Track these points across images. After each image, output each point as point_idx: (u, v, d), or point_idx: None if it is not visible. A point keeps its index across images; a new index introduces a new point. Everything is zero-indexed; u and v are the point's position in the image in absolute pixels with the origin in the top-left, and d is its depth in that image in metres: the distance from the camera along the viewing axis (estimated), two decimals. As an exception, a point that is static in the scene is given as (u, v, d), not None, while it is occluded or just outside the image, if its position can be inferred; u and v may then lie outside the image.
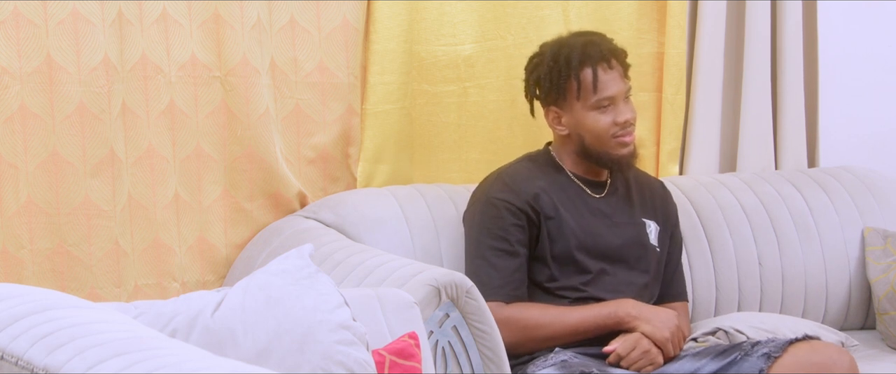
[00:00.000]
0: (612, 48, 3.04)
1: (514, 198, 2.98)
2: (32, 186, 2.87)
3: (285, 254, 2.21)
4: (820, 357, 2.80)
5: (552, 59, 3.03)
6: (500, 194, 3.00)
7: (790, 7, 3.71)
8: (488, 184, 3.06)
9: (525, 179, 3.02)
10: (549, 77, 3.03)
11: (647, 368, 2.88)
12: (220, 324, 2.06)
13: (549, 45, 3.09)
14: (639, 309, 2.94)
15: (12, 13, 2.81)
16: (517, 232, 2.97)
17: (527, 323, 2.91)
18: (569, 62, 3.00)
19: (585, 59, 2.99)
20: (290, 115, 3.21)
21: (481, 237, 2.98)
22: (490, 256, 2.96)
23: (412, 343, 2.27)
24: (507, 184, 3.02)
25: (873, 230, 3.53)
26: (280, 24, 3.17)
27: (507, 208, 2.98)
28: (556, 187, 3.04)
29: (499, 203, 2.99)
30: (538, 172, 3.06)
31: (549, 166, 3.09)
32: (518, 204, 2.98)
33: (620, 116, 3.01)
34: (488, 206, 3.00)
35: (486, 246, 2.97)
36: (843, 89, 3.91)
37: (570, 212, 3.01)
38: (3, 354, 1.69)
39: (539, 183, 3.02)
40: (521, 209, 2.98)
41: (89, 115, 2.88)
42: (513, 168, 3.08)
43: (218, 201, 3.14)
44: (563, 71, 3.01)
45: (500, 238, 2.96)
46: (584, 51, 3.00)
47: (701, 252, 3.40)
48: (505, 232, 2.97)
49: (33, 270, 2.89)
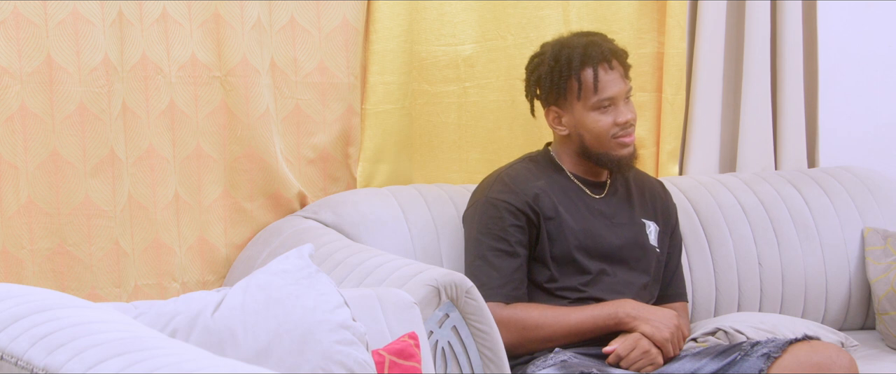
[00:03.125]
0: (613, 49, 3.04)
1: (514, 199, 2.98)
2: (32, 186, 2.86)
3: (285, 254, 2.21)
4: (820, 357, 2.80)
5: (553, 59, 3.03)
6: (499, 194, 3.00)
7: (790, 7, 3.71)
8: (488, 184, 3.05)
9: (525, 180, 3.02)
10: (549, 77, 3.03)
11: (646, 368, 2.88)
12: (220, 324, 2.06)
13: (550, 45, 3.09)
14: (638, 310, 2.94)
15: (12, 13, 2.81)
16: (517, 233, 2.97)
17: (526, 324, 2.91)
18: (570, 62, 3.00)
19: (587, 59, 3.00)
20: (290, 115, 3.21)
21: (481, 238, 2.98)
22: (490, 256, 2.96)
23: (412, 343, 2.27)
24: (506, 184, 3.01)
25: (873, 230, 3.53)
26: (280, 24, 3.17)
27: (507, 209, 2.97)
28: (555, 187, 3.04)
29: (499, 204, 2.98)
30: (538, 172, 3.06)
31: (548, 167, 3.09)
32: (518, 205, 2.98)
33: (621, 116, 3.01)
34: (488, 206, 3.00)
35: (486, 247, 2.96)
36: (843, 89, 3.91)
37: (569, 212, 3.01)
38: (3, 354, 1.69)
39: (539, 183, 3.02)
40: (520, 210, 2.98)
41: (89, 115, 2.88)
42: (512, 169, 3.07)
43: (218, 201, 3.14)
44: (564, 71, 3.01)
45: (500, 239, 2.96)
46: (585, 51, 3.01)
47: (701, 252, 3.40)
48: (505, 233, 2.96)
49: (33, 270, 2.88)
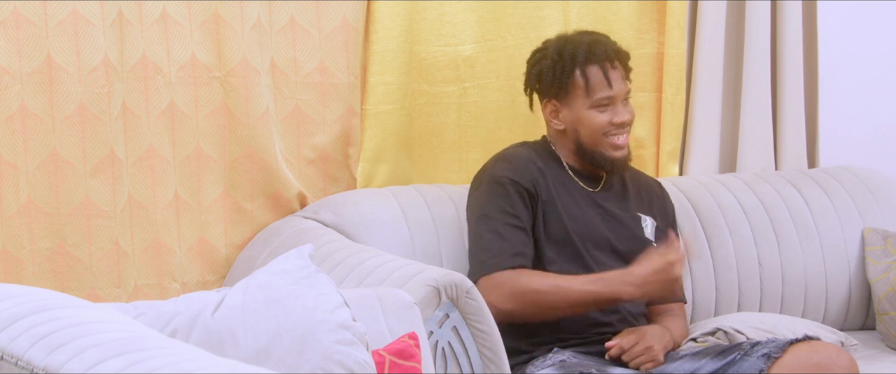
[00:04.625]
0: (616, 49, 3.06)
1: (519, 176, 2.98)
2: (32, 186, 2.86)
3: (285, 254, 2.21)
4: (820, 358, 2.80)
5: (557, 54, 3.05)
6: (504, 172, 3.00)
7: (790, 7, 3.70)
8: (490, 165, 3.05)
9: (526, 160, 3.03)
10: (552, 71, 3.04)
11: (647, 365, 2.88)
12: (220, 324, 2.06)
13: (553, 41, 3.10)
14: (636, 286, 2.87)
15: (12, 13, 2.81)
16: (523, 208, 2.97)
17: (529, 288, 2.88)
18: (574, 58, 3.02)
19: (591, 56, 3.01)
20: (290, 115, 3.21)
21: (491, 213, 2.95)
22: (501, 229, 2.94)
23: (412, 344, 2.27)
24: (510, 162, 3.02)
25: (873, 230, 3.53)
26: (280, 24, 3.17)
27: (513, 185, 2.97)
28: (552, 173, 3.04)
29: (505, 180, 2.98)
30: (536, 156, 3.06)
31: (546, 155, 3.09)
32: (523, 182, 2.98)
33: (617, 117, 3.02)
34: (494, 184, 2.99)
35: (497, 221, 2.94)
36: (843, 89, 3.91)
37: (563, 200, 3.01)
38: (3, 354, 1.69)
39: (538, 165, 3.03)
40: (525, 188, 2.98)
41: (89, 115, 2.88)
42: (512, 150, 3.08)
43: (218, 202, 3.14)
44: (568, 66, 3.02)
45: (510, 214, 2.95)
46: (590, 48, 3.02)
47: (701, 252, 3.40)
48: (513, 208, 2.96)
49: (33, 270, 2.88)
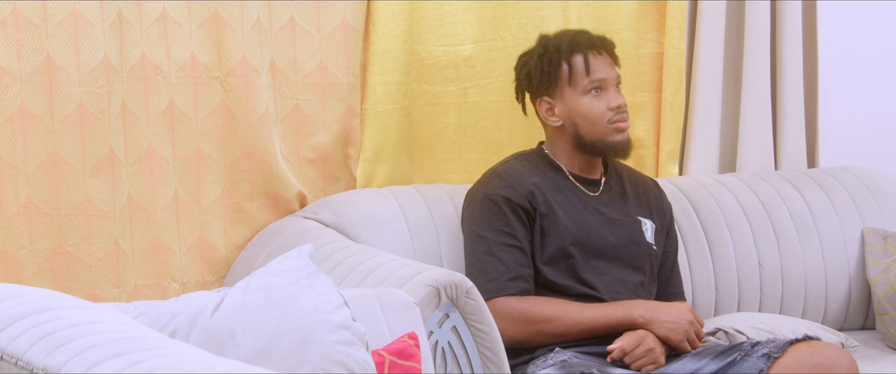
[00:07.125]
0: (600, 37, 3.09)
1: (513, 194, 2.98)
2: (32, 186, 2.86)
3: (285, 254, 2.21)
4: (820, 358, 2.80)
5: (542, 49, 3.08)
6: (498, 190, 3.00)
7: (790, 6, 3.71)
8: (484, 182, 3.05)
9: (520, 175, 3.02)
10: (539, 66, 3.06)
11: (648, 367, 2.88)
12: (219, 324, 2.06)
13: (536, 43, 3.14)
14: (652, 311, 2.92)
15: (12, 13, 2.81)
16: (519, 226, 2.96)
17: (540, 317, 2.90)
18: (559, 49, 3.04)
19: (575, 45, 3.04)
20: (290, 115, 3.21)
21: (485, 234, 2.97)
22: (497, 250, 2.94)
23: (412, 344, 2.27)
24: (503, 179, 3.01)
25: (873, 231, 3.53)
26: (280, 24, 3.17)
27: (507, 203, 2.97)
28: (550, 183, 3.04)
29: (498, 199, 2.98)
30: (531, 168, 3.06)
31: (543, 163, 3.09)
32: (517, 200, 2.98)
33: (613, 101, 3.03)
34: (488, 203, 2.99)
35: (492, 242, 2.95)
36: (843, 89, 3.91)
37: (564, 209, 3.01)
38: (3, 354, 1.69)
39: (533, 179, 3.02)
40: (520, 205, 2.97)
41: (89, 115, 2.88)
42: (506, 165, 3.08)
43: (218, 202, 3.14)
44: (554, 58, 3.04)
45: (505, 233, 2.96)
46: (572, 39, 3.06)
47: (701, 252, 3.40)
48: (508, 227, 2.96)
49: (33, 270, 2.88)
